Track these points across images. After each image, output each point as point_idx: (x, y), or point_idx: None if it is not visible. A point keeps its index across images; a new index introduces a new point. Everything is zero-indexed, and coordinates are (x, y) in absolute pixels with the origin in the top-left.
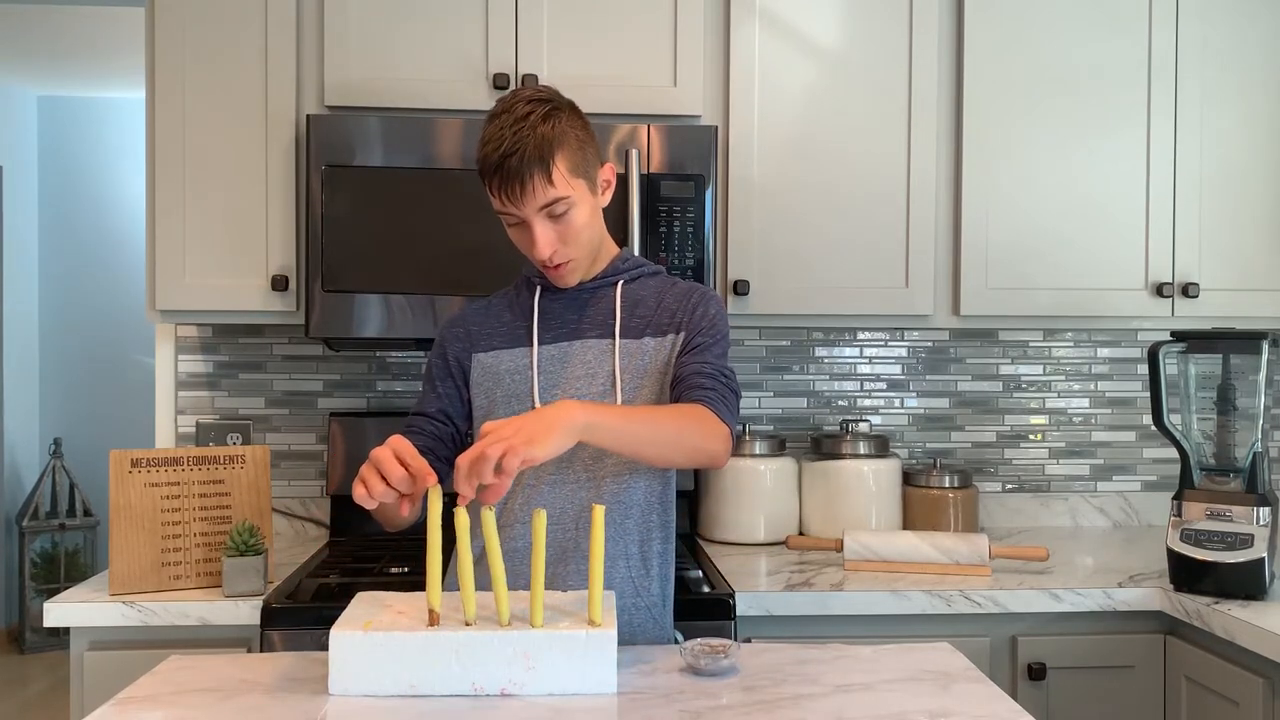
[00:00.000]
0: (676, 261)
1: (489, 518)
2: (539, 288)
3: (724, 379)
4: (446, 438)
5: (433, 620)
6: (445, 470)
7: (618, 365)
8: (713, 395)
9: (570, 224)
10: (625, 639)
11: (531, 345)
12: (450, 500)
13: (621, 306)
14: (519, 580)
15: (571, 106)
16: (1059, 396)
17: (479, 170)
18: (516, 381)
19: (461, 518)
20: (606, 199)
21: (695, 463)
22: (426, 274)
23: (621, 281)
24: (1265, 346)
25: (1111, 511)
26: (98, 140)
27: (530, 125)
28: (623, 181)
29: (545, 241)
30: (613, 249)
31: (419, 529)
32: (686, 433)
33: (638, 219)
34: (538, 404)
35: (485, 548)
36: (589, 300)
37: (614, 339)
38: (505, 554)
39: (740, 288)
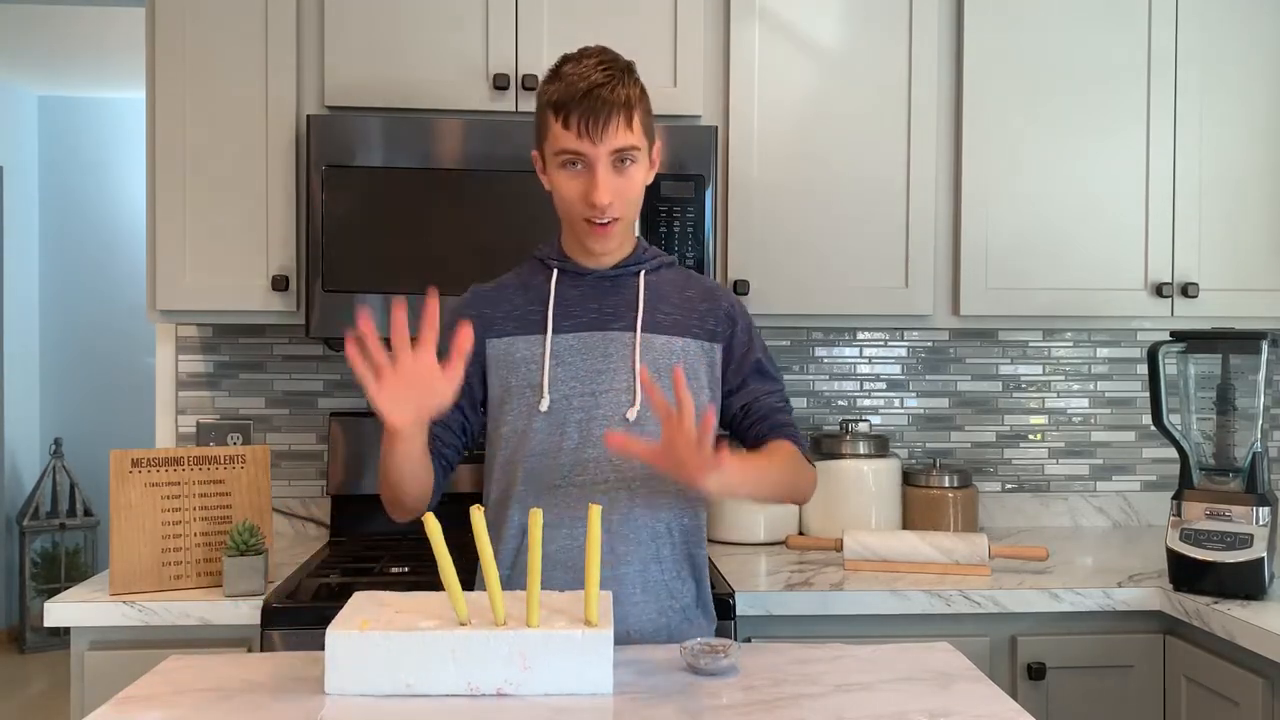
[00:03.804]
0: (676, 262)
1: (478, 517)
2: (556, 271)
3: (792, 412)
4: (456, 426)
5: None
6: (452, 458)
7: (638, 361)
8: (797, 434)
9: (631, 180)
10: (662, 641)
11: (545, 333)
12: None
13: (645, 298)
14: (575, 581)
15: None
16: (1058, 396)
17: (552, 105)
18: (532, 371)
19: (431, 523)
20: (651, 176)
21: (793, 503)
22: (426, 274)
23: (644, 271)
24: (1265, 346)
25: (1111, 511)
26: (98, 140)
27: (619, 68)
28: None
29: (607, 186)
30: (634, 233)
31: (418, 530)
32: (800, 484)
33: (638, 219)
34: (546, 396)
35: (478, 549)
36: (610, 289)
37: (636, 332)
38: (548, 554)
39: (740, 288)
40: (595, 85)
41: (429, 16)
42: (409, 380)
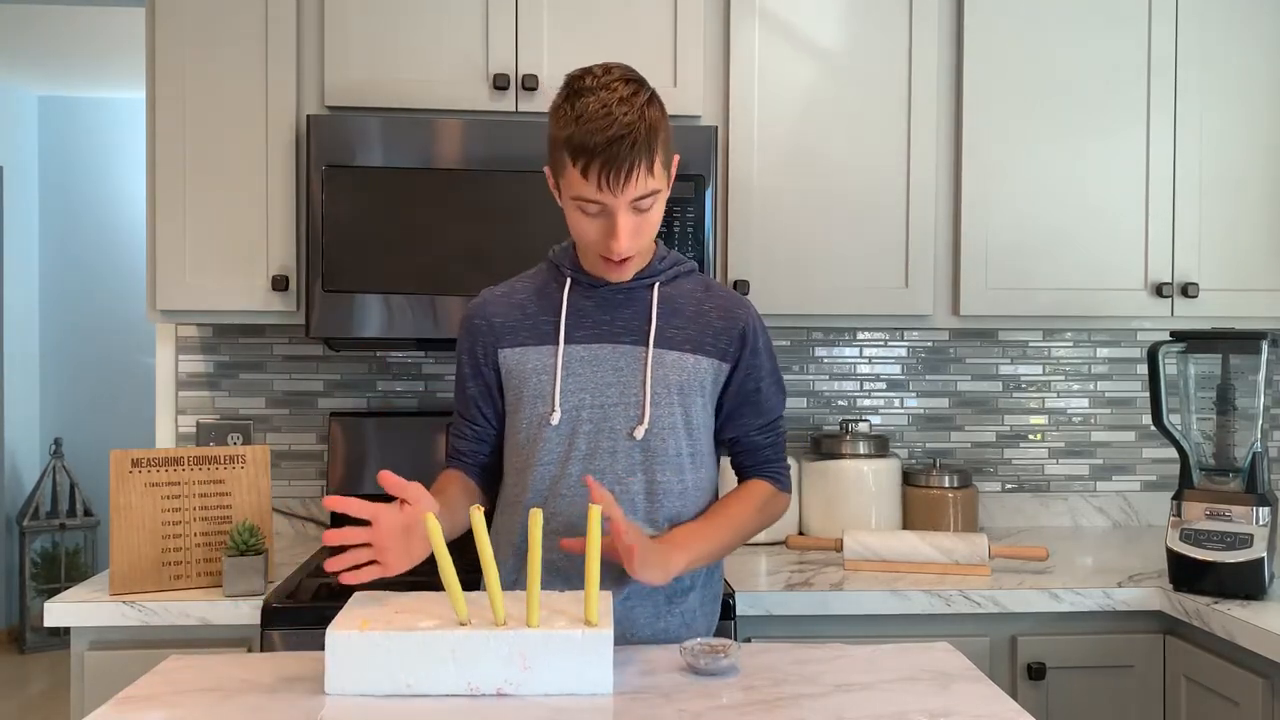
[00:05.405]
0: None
1: (478, 517)
2: (569, 280)
3: (781, 437)
4: (489, 438)
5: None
6: (492, 464)
7: (649, 377)
8: (779, 469)
9: (650, 218)
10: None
11: (558, 344)
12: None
13: (658, 312)
14: (569, 584)
15: (655, 91)
16: (1059, 396)
17: (570, 148)
18: (543, 382)
19: (431, 523)
20: (669, 189)
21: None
22: (426, 274)
23: (658, 283)
24: (1264, 346)
25: (1111, 511)
26: (98, 140)
27: (638, 109)
28: None
29: (627, 234)
30: (651, 244)
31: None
32: (764, 522)
33: None
34: (557, 409)
35: (478, 549)
36: (624, 301)
37: (647, 348)
38: (551, 563)
39: (740, 288)
40: (615, 139)
41: (429, 16)
42: (393, 539)
